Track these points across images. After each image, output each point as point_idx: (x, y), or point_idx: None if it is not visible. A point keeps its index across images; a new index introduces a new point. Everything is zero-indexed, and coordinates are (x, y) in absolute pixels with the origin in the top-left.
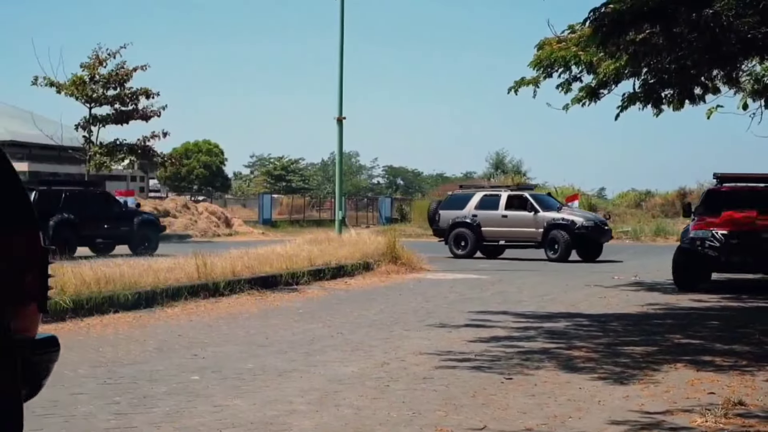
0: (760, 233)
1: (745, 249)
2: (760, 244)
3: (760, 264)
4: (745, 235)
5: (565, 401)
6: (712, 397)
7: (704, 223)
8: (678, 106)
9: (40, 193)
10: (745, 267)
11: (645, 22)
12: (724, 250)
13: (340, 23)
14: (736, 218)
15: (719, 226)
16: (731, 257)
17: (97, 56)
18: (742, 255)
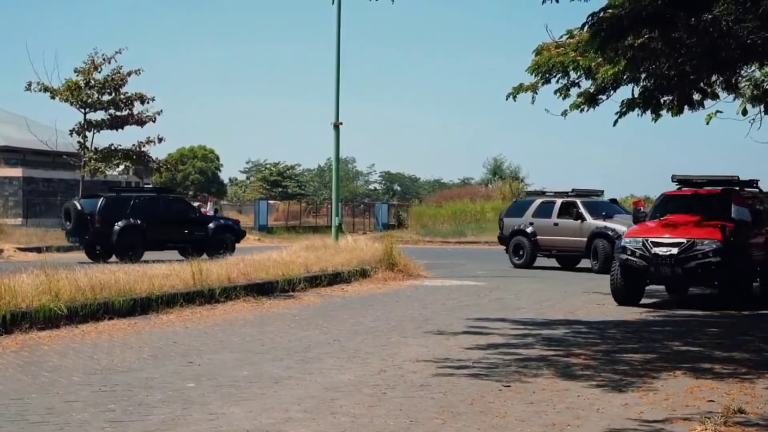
0: (695, 242)
1: (676, 260)
2: (694, 254)
3: (693, 277)
4: (678, 244)
5: (564, 409)
6: (712, 405)
7: (638, 230)
8: (677, 112)
9: (107, 200)
10: (676, 281)
11: (644, 27)
12: (654, 261)
13: (336, 30)
14: (670, 225)
15: (652, 233)
16: (660, 269)
17: (92, 61)
18: (671, 266)
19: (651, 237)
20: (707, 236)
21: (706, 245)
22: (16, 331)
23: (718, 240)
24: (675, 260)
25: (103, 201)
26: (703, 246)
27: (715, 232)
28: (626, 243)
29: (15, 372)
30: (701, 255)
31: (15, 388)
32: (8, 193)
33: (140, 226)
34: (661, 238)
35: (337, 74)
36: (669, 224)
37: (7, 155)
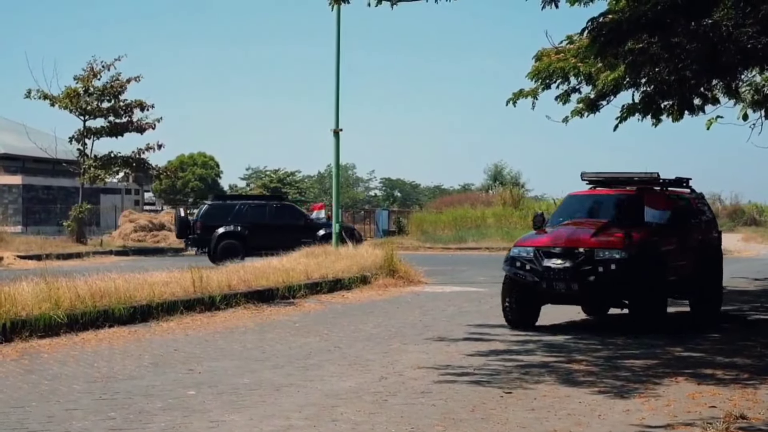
0: (594, 253)
1: (572, 274)
2: (592, 267)
3: (593, 295)
4: (573, 254)
5: (565, 415)
6: (714, 411)
7: (531, 237)
8: (677, 117)
9: (210, 206)
10: (573, 299)
11: (643, 32)
12: (546, 276)
13: (336, 36)
14: (568, 231)
15: (545, 242)
16: (554, 285)
17: (91, 68)
18: (567, 282)
19: (543, 246)
20: (609, 245)
21: (607, 256)
22: (16, 339)
23: (622, 249)
24: (570, 274)
25: (205, 207)
26: (603, 256)
27: (619, 239)
28: (515, 254)
29: (15, 380)
30: (601, 268)
31: (15, 396)
32: (8, 201)
33: (240, 232)
34: (554, 248)
35: (336, 80)
36: (567, 231)
37: (7, 163)
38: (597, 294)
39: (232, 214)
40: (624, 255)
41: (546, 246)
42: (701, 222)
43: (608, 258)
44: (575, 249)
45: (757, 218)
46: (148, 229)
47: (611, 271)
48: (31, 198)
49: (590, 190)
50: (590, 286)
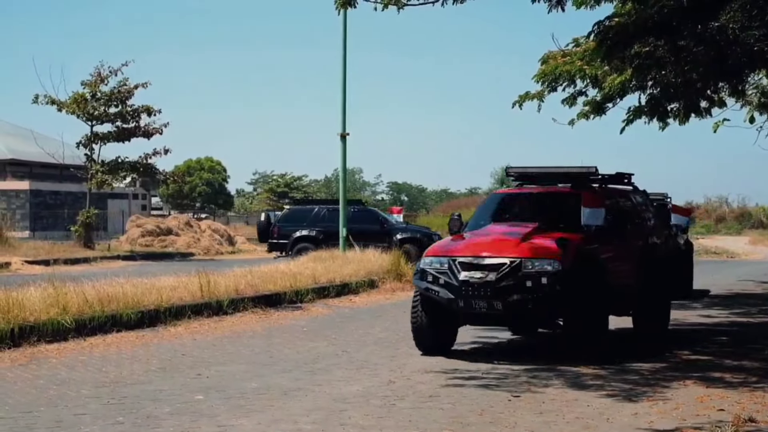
0: (522, 263)
1: (494, 289)
2: (520, 281)
3: (520, 315)
4: (497, 266)
5: (574, 419)
6: (722, 414)
7: (446, 245)
8: (684, 120)
9: (290, 211)
10: (495, 319)
11: (650, 35)
12: (463, 292)
13: (342, 40)
14: (491, 238)
15: (463, 250)
16: (473, 303)
17: (98, 73)
18: (488, 299)
19: (460, 256)
20: (540, 254)
21: (538, 267)
22: (25, 344)
23: (556, 259)
24: (492, 290)
25: (284, 212)
26: (533, 268)
27: (552, 247)
28: (426, 265)
29: (23, 385)
30: (530, 282)
31: (23, 401)
32: (15, 206)
33: (316, 236)
34: (474, 258)
35: (343, 84)
36: (489, 237)
37: (14, 168)
38: (526, 313)
39: (309, 218)
40: (558, 266)
41: (463, 255)
42: (645, 224)
43: (539, 270)
44: (498, 259)
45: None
46: (156, 234)
47: (542, 286)
48: (39, 203)
49: (518, 187)
50: (517, 304)
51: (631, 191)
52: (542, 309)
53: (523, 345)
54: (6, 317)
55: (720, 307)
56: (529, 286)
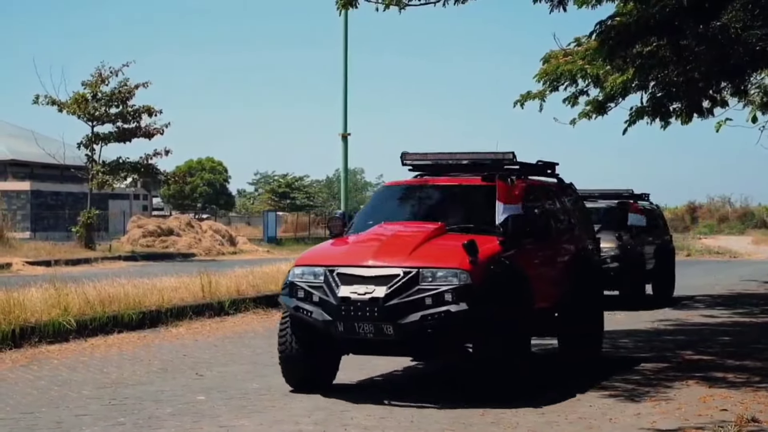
0: (420, 275)
1: (383, 308)
2: (417, 298)
3: (419, 339)
4: (386, 278)
5: (576, 419)
6: (725, 414)
7: (323, 251)
8: (686, 120)
9: None
10: (386, 347)
11: (652, 34)
12: (343, 311)
13: (344, 40)
14: (379, 241)
15: (343, 257)
16: (356, 326)
17: (99, 74)
18: (376, 321)
19: (340, 265)
20: (444, 262)
21: (441, 279)
22: (26, 345)
23: (464, 269)
24: (382, 310)
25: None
26: (434, 280)
27: (457, 253)
28: (296, 276)
29: (24, 386)
30: (431, 298)
31: (25, 402)
32: (16, 207)
33: None
34: (357, 268)
35: (344, 84)
36: (378, 240)
37: (15, 169)
38: (425, 339)
39: None
40: (466, 278)
41: (343, 265)
42: (573, 225)
43: (442, 283)
44: (389, 269)
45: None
46: (157, 235)
47: (446, 303)
48: (40, 204)
49: (417, 179)
50: (413, 327)
51: (558, 184)
52: (446, 333)
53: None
54: (7, 318)
55: (723, 307)
56: (429, 303)
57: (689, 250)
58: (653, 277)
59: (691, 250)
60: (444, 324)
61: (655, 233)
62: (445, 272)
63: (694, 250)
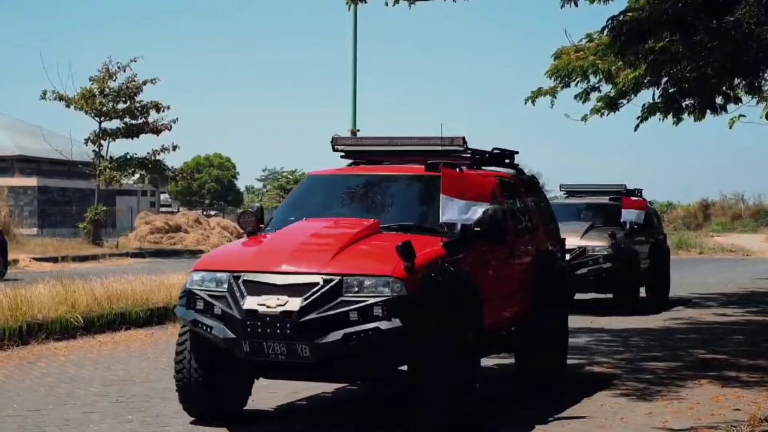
0: (342, 282)
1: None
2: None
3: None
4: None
5: (587, 418)
6: (738, 414)
7: (228, 253)
8: (699, 116)
9: None
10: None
11: (665, 30)
12: (248, 327)
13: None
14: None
15: (250, 260)
16: (265, 345)
17: (107, 69)
18: (288, 341)
19: (246, 271)
20: (373, 268)
21: (369, 289)
22: (33, 342)
23: (397, 277)
24: (296, 326)
25: None
26: (360, 291)
27: (389, 258)
28: (195, 283)
29: (32, 383)
30: (357, 313)
31: (32, 399)
32: (23, 203)
33: None
34: (267, 274)
35: (353, 80)
36: (295, 241)
37: (22, 165)
38: (349, 363)
39: None
40: (400, 288)
41: (250, 270)
42: (535, 224)
43: (370, 293)
44: (306, 276)
45: None
46: (165, 231)
47: (375, 318)
48: (47, 200)
49: (350, 167)
50: (335, 348)
51: (517, 177)
52: (375, 355)
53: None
54: (14, 315)
55: (735, 306)
56: (354, 319)
57: (702, 248)
58: (647, 278)
59: (704, 248)
60: (372, 344)
61: (648, 231)
62: (375, 281)
63: (706, 248)
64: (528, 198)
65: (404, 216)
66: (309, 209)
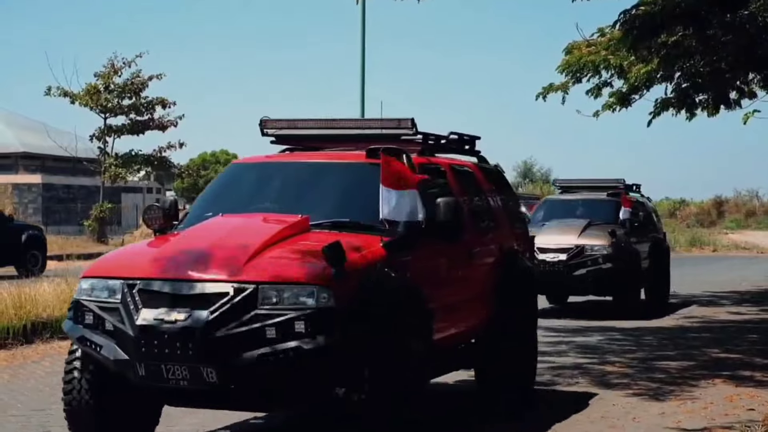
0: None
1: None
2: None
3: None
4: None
5: (599, 418)
6: (752, 414)
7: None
8: (713, 112)
9: None
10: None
11: (678, 24)
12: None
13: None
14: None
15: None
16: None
17: (112, 65)
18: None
19: (142, 278)
20: (292, 275)
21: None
22: (38, 340)
23: (324, 285)
24: (199, 346)
25: None
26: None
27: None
28: (85, 294)
29: (36, 382)
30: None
31: (36, 398)
32: (27, 200)
33: None
34: (167, 283)
35: (362, 77)
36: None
37: (27, 162)
38: (266, 387)
39: None
40: (327, 298)
41: (148, 277)
42: (499, 221)
43: (291, 305)
44: (213, 284)
45: None
46: None
47: (297, 336)
48: (51, 197)
49: (281, 154)
50: (248, 372)
51: (477, 166)
52: (298, 379)
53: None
54: (18, 313)
55: (750, 304)
56: (272, 337)
57: (715, 246)
58: (647, 279)
59: (718, 246)
60: (293, 367)
61: (647, 230)
62: (296, 290)
63: (720, 246)
64: (491, 190)
65: (339, 211)
66: (229, 203)
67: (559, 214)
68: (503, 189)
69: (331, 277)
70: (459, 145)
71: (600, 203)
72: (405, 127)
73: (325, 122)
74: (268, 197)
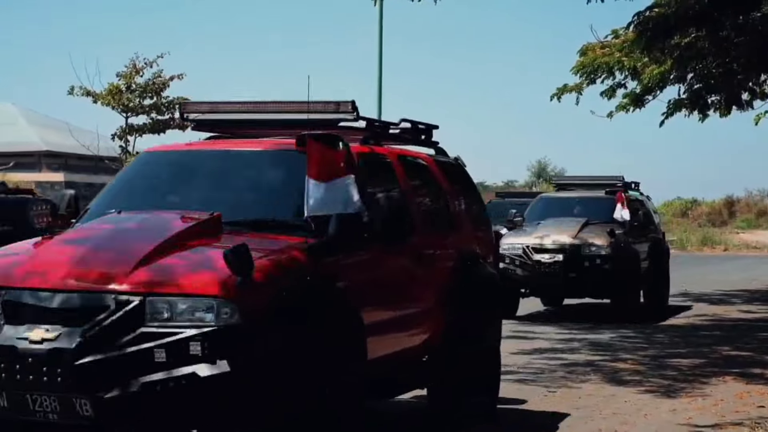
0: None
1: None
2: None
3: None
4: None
5: (610, 415)
6: (763, 411)
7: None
8: (725, 112)
9: None
10: None
11: (691, 26)
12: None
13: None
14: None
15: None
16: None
17: (133, 65)
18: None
19: (8, 287)
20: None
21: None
22: None
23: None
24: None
25: None
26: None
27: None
28: None
29: None
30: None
31: None
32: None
33: None
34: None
35: (379, 77)
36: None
37: (49, 160)
38: (154, 422)
39: None
40: (231, 314)
41: (13, 286)
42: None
43: (186, 321)
44: (91, 295)
45: None
46: None
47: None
48: None
49: (199, 142)
50: (131, 405)
51: (433, 158)
52: (195, 412)
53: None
54: None
55: (760, 303)
56: (162, 360)
57: (727, 245)
58: (647, 281)
59: (729, 245)
60: (187, 397)
61: (647, 229)
62: (193, 303)
63: (731, 245)
64: (448, 186)
65: (260, 208)
66: (134, 198)
67: (555, 212)
68: (464, 186)
69: (235, 287)
70: (413, 134)
71: (598, 201)
72: (345, 111)
73: (251, 105)
74: (177, 191)
